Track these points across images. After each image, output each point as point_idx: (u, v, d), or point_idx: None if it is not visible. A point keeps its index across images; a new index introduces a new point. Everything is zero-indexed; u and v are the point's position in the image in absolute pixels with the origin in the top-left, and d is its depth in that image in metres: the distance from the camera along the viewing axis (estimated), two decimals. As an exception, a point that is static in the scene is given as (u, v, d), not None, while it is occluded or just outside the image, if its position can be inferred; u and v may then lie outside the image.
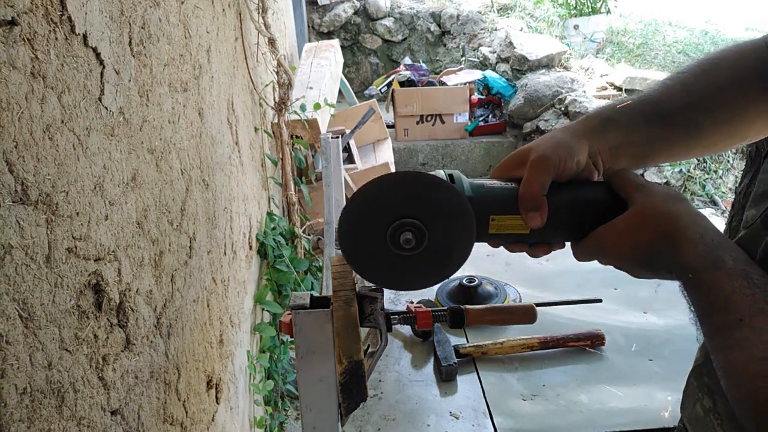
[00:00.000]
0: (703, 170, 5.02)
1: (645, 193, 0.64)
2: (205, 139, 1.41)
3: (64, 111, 0.71)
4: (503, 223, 0.68)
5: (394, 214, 0.65)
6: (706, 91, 0.72)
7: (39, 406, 0.64)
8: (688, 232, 0.59)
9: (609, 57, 5.80)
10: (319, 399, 0.77)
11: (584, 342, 1.30)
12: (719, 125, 0.73)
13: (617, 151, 0.71)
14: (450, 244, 0.67)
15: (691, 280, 0.58)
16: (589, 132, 0.70)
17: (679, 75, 0.75)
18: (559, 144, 0.68)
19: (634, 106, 0.73)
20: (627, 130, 0.71)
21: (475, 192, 0.68)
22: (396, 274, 0.69)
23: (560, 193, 0.68)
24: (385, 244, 0.66)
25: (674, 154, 0.78)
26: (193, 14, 1.35)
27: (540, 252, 0.73)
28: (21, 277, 0.61)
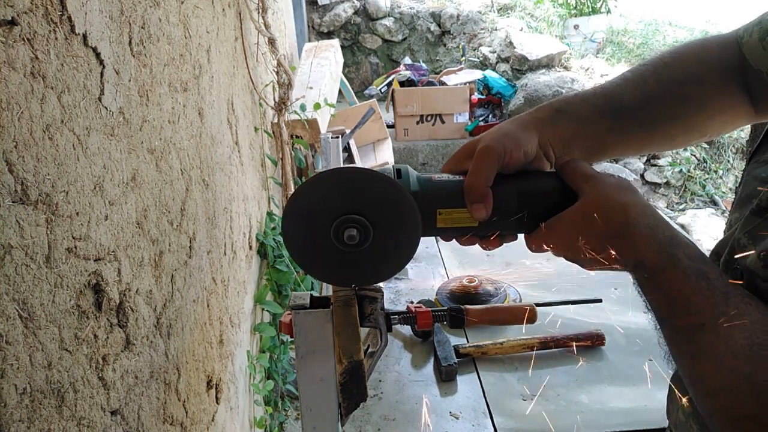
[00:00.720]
0: (703, 170, 5.03)
1: (594, 184, 0.63)
2: (205, 139, 1.41)
3: (63, 111, 0.71)
4: (451, 216, 0.67)
5: (338, 210, 0.64)
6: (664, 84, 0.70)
7: (39, 406, 0.64)
8: (639, 225, 0.58)
9: (609, 57, 5.80)
10: (319, 399, 0.77)
11: (584, 342, 1.30)
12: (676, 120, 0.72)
13: (569, 142, 0.69)
14: (396, 240, 0.66)
15: (648, 279, 0.56)
16: (539, 122, 0.69)
17: (640, 67, 0.73)
18: (505, 135, 0.67)
19: (588, 97, 0.72)
20: (579, 122, 0.70)
21: (421, 186, 0.67)
22: (342, 270, 0.68)
23: (507, 184, 0.67)
24: (330, 240, 0.65)
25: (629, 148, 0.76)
26: (193, 14, 1.35)
27: (491, 245, 0.71)
28: (21, 277, 0.61)
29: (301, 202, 0.65)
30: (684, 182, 4.96)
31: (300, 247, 0.67)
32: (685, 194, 4.95)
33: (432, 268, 1.71)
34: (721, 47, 0.71)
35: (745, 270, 0.54)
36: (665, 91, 0.70)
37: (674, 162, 4.92)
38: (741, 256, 0.55)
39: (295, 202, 0.65)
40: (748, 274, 0.53)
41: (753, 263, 0.53)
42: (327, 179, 0.65)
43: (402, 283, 1.63)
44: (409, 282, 1.64)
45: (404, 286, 1.62)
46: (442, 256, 1.77)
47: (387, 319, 0.81)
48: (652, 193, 4.93)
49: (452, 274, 1.66)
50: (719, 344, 0.49)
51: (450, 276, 1.65)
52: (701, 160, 5.02)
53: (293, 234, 0.67)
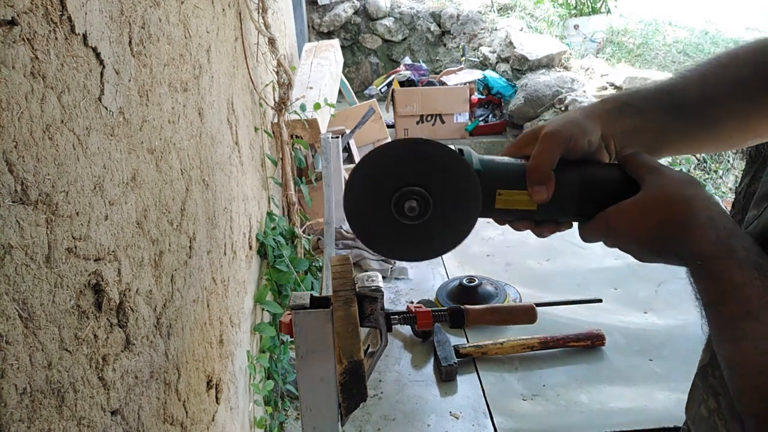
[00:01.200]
0: (703, 170, 5.03)
1: (658, 175, 0.63)
2: (205, 139, 1.41)
3: (63, 111, 0.71)
4: (510, 198, 0.66)
5: (400, 181, 0.63)
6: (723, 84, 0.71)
7: (39, 406, 0.64)
8: (700, 218, 0.58)
9: (609, 57, 5.80)
10: (319, 399, 0.76)
11: (584, 342, 1.30)
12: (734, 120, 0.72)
13: (630, 136, 0.69)
14: (455, 215, 0.65)
15: (700, 267, 0.57)
16: (605, 114, 0.69)
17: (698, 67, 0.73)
18: (571, 122, 0.67)
19: (652, 93, 0.72)
20: (642, 117, 0.70)
21: (483, 165, 0.66)
22: (399, 242, 0.67)
23: (569, 170, 0.66)
24: (390, 211, 0.64)
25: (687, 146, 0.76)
26: (193, 14, 1.35)
27: (546, 231, 0.71)
28: (21, 277, 0.61)
29: (367, 169, 0.64)
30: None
31: (359, 213, 0.66)
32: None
33: (432, 268, 1.71)
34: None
35: None
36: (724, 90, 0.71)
37: (674, 162, 4.92)
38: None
39: (358, 170, 0.64)
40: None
41: None
42: (394, 149, 0.64)
43: (402, 283, 1.63)
44: (409, 282, 1.64)
45: (404, 286, 1.62)
46: (442, 256, 1.77)
47: (387, 319, 0.81)
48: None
49: (452, 274, 1.66)
50: (761, 330, 0.50)
51: (450, 276, 1.65)
52: (701, 160, 5.03)
53: (355, 202, 0.66)
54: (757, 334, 0.50)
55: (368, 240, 0.68)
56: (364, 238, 0.68)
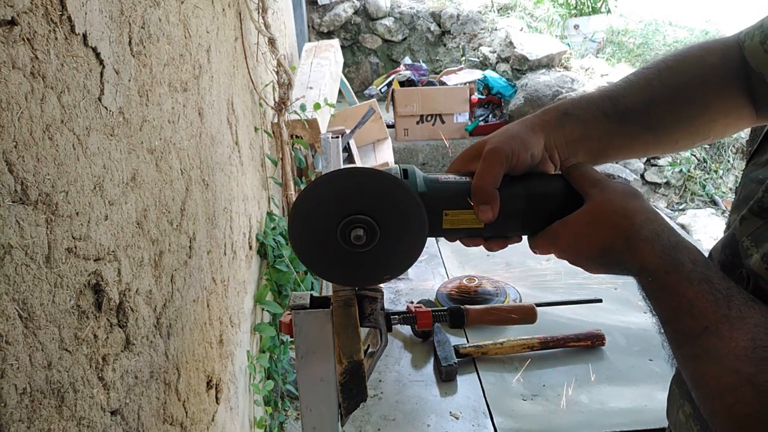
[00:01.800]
0: (703, 170, 5.03)
1: (601, 188, 0.63)
2: (205, 139, 1.41)
3: (63, 111, 0.71)
4: (457, 218, 0.67)
5: (345, 210, 0.64)
6: (669, 87, 0.71)
7: (39, 406, 0.64)
8: (644, 231, 0.58)
9: (609, 57, 5.80)
10: (319, 399, 0.76)
11: (584, 342, 1.30)
12: (680, 123, 0.72)
13: (574, 145, 0.69)
14: (403, 240, 0.66)
15: (651, 283, 0.56)
16: (545, 125, 0.69)
17: (643, 70, 0.73)
18: (512, 136, 0.67)
19: (594, 100, 0.71)
20: (585, 125, 0.70)
21: (428, 187, 0.67)
22: (348, 270, 0.68)
23: (514, 185, 0.67)
24: (337, 241, 0.65)
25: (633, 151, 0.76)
26: (192, 14, 1.35)
27: (496, 246, 0.71)
28: (21, 277, 0.61)
29: (308, 201, 0.65)
30: (684, 182, 4.96)
31: (306, 246, 0.67)
32: (685, 194, 4.96)
33: (432, 268, 1.71)
34: (723, 50, 0.71)
35: (749, 272, 0.54)
36: (669, 94, 0.71)
37: (674, 162, 4.92)
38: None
39: (301, 202, 0.65)
40: (753, 277, 0.54)
41: (757, 266, 0.53)
42: (334, 179, 0.64)
43: (402, 283, 1.63)
44: (409, 282, 1.64)
45: (404, 286, 1.62)
46: (442, 256, 1.77)
47: (387, 319, 0.81)
48: (652, 193, 4.93)
49: (452, 274, 1.66)
50: (722, 346, 0.49)
51: (450, 276, 1.65)
52: (701, 160, 5.03)
53: (299, 233, 0.66)
54: (719, 351, 0.49)
55: (320, 271, 0.69)
56: (314, 269, 0.69)
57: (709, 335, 0.50)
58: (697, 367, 0.51)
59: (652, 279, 0.56)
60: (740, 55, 0.70)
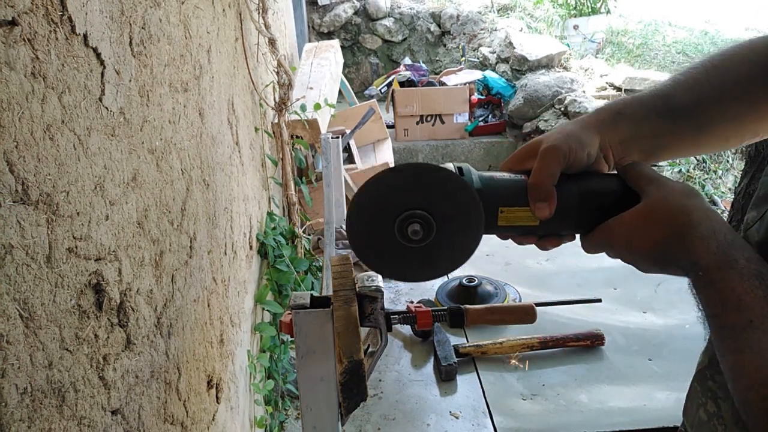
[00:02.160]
0: (702, 170, 5.03)
1: (658, 186, 0.63)
2: (206, 139, 1.41)
3: (64, 111, 0.71)
4: (512, 215, 0.67)
5: (403, 205, 0.64)
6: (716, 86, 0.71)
7: (39, 406, 0.64)
8: (701, 228, 0.58)
9: (609, 57, 5.80)
10: (319, 398, 0.77)
11: (584, 342, 1.30)
12: (729, 121, 0.72)
13: (627, 144, 0.70)
14: (458, 236, 0.66)
15: (701, 278, 0.57)
16: (600, 125, 0.69)
17: (690, 70, 0.73)
18: (569, 135, 0.67)
19: (645, 100, 0.72)
20: (637, 124, 0.70)
21: (484, 184, 0.67)
22: (404, 265, 0.68)
23: (570, 183, 0.67)
24: (393, 235, 0.65)
25: (684, 149, 0.76)
26: (193, 14, 1.35)
27: (549, 244, 0.72)
28: (21, 277, 0.61)
29: (367, 196, 0.65)
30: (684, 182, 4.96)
31: (363, 241, 0.67)
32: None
33: (432, 268, 1.71)
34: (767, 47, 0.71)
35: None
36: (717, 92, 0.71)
37: (674, 162, 4.92)
38: None
39: (361, 197, 0.65)
40: None
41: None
42: (394, 174, 0.65)
43: (402, 283, 1.63)
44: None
45: (404, 286, 1.62)
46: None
47: (387, 318, 0.81)
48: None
49: (452, 273, 1.67)
50: (765, 340, 0.50)
51: (450, 276, 1.65)
52: (700, 161, 5.03)
53: (357, 228, 0.66)
54: (762, 344, 0.50)
55: (374, 265, 0.69)
56: (370, 263, 0.69)
57: (754, 329, 0.51)
58: (738, 359, 0.52)
59: (704, 274, 0.56)
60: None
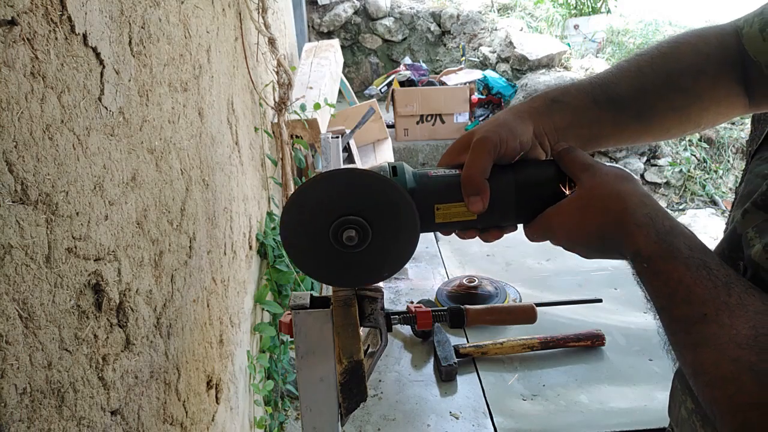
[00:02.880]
0: (703, 170, 5.03)
1: (592, 173, 0.62)
2: (205, 139, 1.41)
3: (63, 111, 0.71)
4: (449, 211, 0.67)
5: (336, 212, 0.64)
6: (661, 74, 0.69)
7: (39, 406, 0.64)
8: (637, 215, 0.57)
9: (609, 57, 5.80)
10: (319, 399, 0.76)
11: (584, 342, 1.30)
12: (672, 111, 0.71)
13: (564, 132, 0.69)
14: (395, 238, 0.66)
15: (647, 269, 0.55)
16: (534, 112, 0.68)
17: (636, 57, 0.72)
18: (500, 125, 0.66)
19: (584, 87, 0.71)
20: (574, 112, 0.69)
21: (417, 182, 0.67)
22: (344, 271, 0.68)
23: (504, 174, 0.66)
24: (329, 242, 0.65)
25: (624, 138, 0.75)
26: (193, 14, 1.35)
27: (491, 237, 0.71)
28: (21, 277, 0.61)
29: (299, 204, 0.65)
30: (684, 182, 4.96)
31: (299, 249, 0.67)
32: (685, 194, 4.96)
33: (432, 268, 1.71)
34: (719, 38, 0.70)
35: (749, 263, 0.53)
36: (661, 81, 0.70)
37: (674, 162, 4.92)
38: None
39: (292, 205, 0.65)
40: (753, 267, 0.53)
41: (758, 256, 0.52)
42: (323, 181, 0.64)
43: (402, 283, 1.63)
44: (409, 282, 1.64)
45: (404, 286, 1.62)
46: (442, 256, 1.77)
47: (387, 319, 0.81)
48: (653, 192, 4.93)
49: (452, 274, 1.66)
50: (722, 334, 0.48)
51: (450, 276, 1.65)
52: (701, 160, 5.03)
53: (291, 236, 0.66)
54: (718, 339, 0.48)
55: (310, 270, 0.69)
56: (306, 270, 0.69)
57: (709, 322, 0.49)
58: (696, 355, 0.50)
59: (648, 265, 0.55)
60: (737, 43, 0.69)
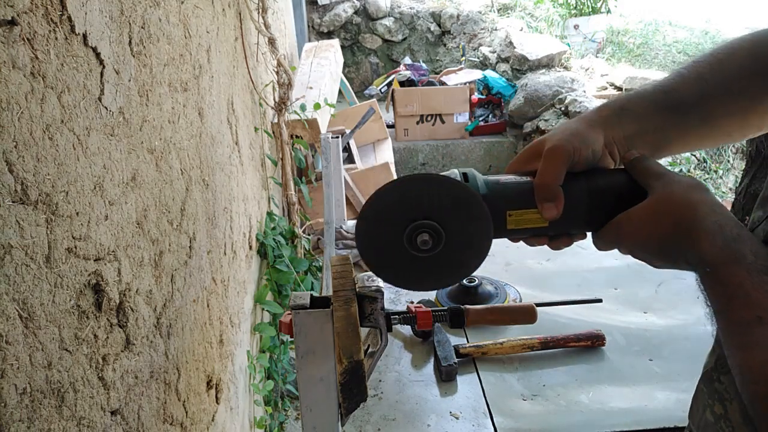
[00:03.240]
0: (703, 170, 5.03)
1: (665, 181, 0.63)
2: (205, 138, 1.41)
3: (63, 111, 0.71)
4: (521, 218, 0.67)
5: (411, 216, 0.65)
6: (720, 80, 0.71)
7: (39, 406, 0.64)
8: (706, 222, 0.57)
9: (609, 57, 5.80)
10: (319, 399, 0.77)
11: (584, 342, 1.30)
12: (733, 116, 0.72)
13: (632, 140, 0.70)
14: (468, 244, 0.67)
15: (708, 273, 0.56)
16: (604, 121, 0.69)
17: (694, 64, 0.73)
18: (573, 134, 0.67)
19: (648, 94, 0.72)
20: (641, 120, 0.70)
21: (489, 189, 0.67)
22: (415, 274, 0.68)
23: (577, 182, 0.67)
24: (403, 246, 0.65)
25: (688, 143, 0.76)
26: (193, 14, 1.35)
27: (561, 244, 0.72)
28: (21, 277, 0.61)
29: (375, 209, 0.66)
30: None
31: (375, 253, 0.68)
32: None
33: (432, 268, 1.71)
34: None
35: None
36: (721, 86, 0.71)
37: (674, 162, 4.92)
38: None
39: (368, 210, 0.66)
40: None
41: None
42: (398, 186, 0.65)
43: (402, 283, 1.63)
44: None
45: (404, 286, 1.62)
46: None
47: (387, 319, 0.81)
48: (652, 193, 4.93)
49: (452, 274, 1.66)
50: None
51: (450, 276, 1.65)
52: (701, 160, 5.02)
53: (367, 241, 0.67)
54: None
55: (384, 274, 0.70)
56: (380, 272, 0.69)
57: (762, 325, 0.50)
58: (746, 355, 0.51)
59: (711, 269, 0.56)
60: None
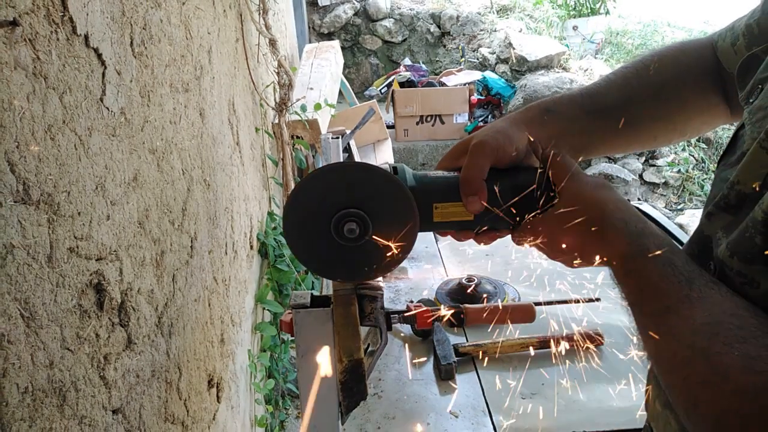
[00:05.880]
0: (701, 170, 5.03)
1: (572, 180, 0.65)
2: (207, 139, 1.41)
3: (65, 111, 0.71)
4: (447, 211, 0.69)
5: (338, 204, 0.66)
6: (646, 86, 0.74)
7: (41, 405, 0.64)
8: (612, 219, 0.60)
9: (608, 58, 5.81)
10: (319, 397, 0.77)
11: (583, 341, 1.31)
12: (658, 120, 0.75)
13: (557, 141, 0.72)
14: (394, 234, 0.67)
15: (619, 267, 0.59)
16: (530, 121, 0.72)
17: (622, 69, 0.76)
18: (498, 131, 0.70)
19: (574, 98, 0.75)
20: (566, 122, 0.73)
21: (417, 181, 0.69)
22: (341, 264, 0.69)
23: (500, 178, 0.69)
24: (330, 234, 0.66)
25: (613, 147, 0.80)
26: (194, 15, 1.35)
27: (486, 239, 0.74)
28: (23, 277, 0.61)
29: (301, 198, 0.66)
30: (682, 182, 4.96)
31: (301, 242, 0.68)
32: (684, 194, 4.96)
33: (431, 268, 1.71)
34: (698, 51, 0.75)
35: (717, 262, 0.57)
36: (647, 92, 0.74)
37: (672, 162, 4.92)
38: None
39: (295, 198, 0.66)
40: (719, 265, 0.56)
41: (723, 254, 0.55)
42: (326, 175, 0.66)
43: (402, 282, 1.63)
44: (408, 281, 1.64)
45: (404, 285, 1.62)
46: (441, 255, 1.77)
47: (387, 318, 0.82)
48: (651, 193, 4.94)
49: (452, 273, 1.67)
50: (681, 324, 0.51)
51: (449, 275, 1.66)
52: (699, 161, 5.03)
53: (294, 230, 0.68)
54: (679, 328, 0.51)
55: (309, 263, 0.70)
56: (305, 261, 0.70)
57: (670, 314, 0.52)
58: (658, 345, 0.53)
59: (620, 264, 0.59)
60: (714, 55, 0.73)
